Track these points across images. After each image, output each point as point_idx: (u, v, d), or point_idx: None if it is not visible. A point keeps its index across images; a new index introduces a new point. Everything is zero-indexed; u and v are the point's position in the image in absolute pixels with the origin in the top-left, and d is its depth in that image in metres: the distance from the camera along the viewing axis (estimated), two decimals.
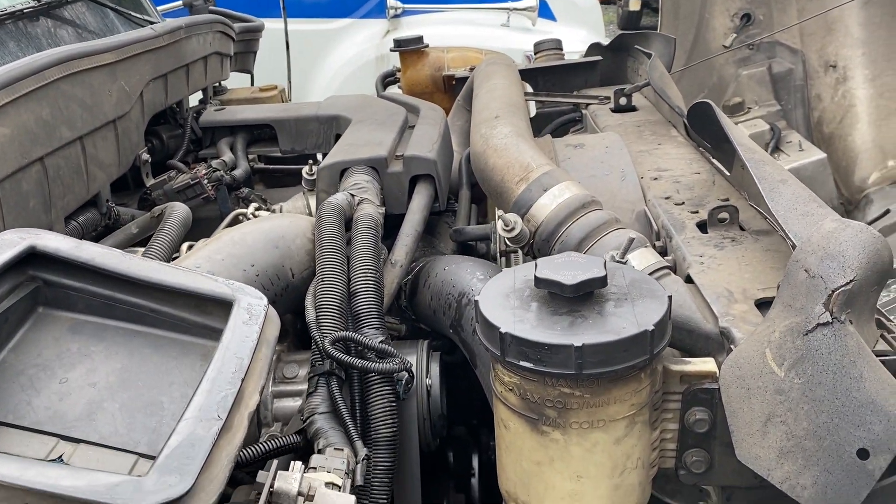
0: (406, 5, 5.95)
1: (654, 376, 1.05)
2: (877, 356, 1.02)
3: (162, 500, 0.72)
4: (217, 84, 2.78)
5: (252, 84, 3.21)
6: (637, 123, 2.32)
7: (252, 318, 1.05)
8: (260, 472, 0.95)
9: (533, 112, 2.80)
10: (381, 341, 1.36)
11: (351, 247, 1.49)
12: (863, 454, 0.93)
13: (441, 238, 2.00)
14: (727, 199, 1.61)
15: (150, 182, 2.10)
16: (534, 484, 1.08)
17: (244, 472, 1.16)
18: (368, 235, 1.49)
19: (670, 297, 1.04)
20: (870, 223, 3.01)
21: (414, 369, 1.49)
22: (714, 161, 1.89)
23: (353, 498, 1.01)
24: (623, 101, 2.46)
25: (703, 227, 1.51)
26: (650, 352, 0.98)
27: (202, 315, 1.10)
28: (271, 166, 2.54)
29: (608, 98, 2.54)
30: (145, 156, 2.07)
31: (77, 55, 1.73)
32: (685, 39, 3.60)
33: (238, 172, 2.18)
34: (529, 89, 2.82)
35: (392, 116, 2.02)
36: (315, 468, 1.10)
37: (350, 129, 1.97)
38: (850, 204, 3.35)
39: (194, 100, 2.66)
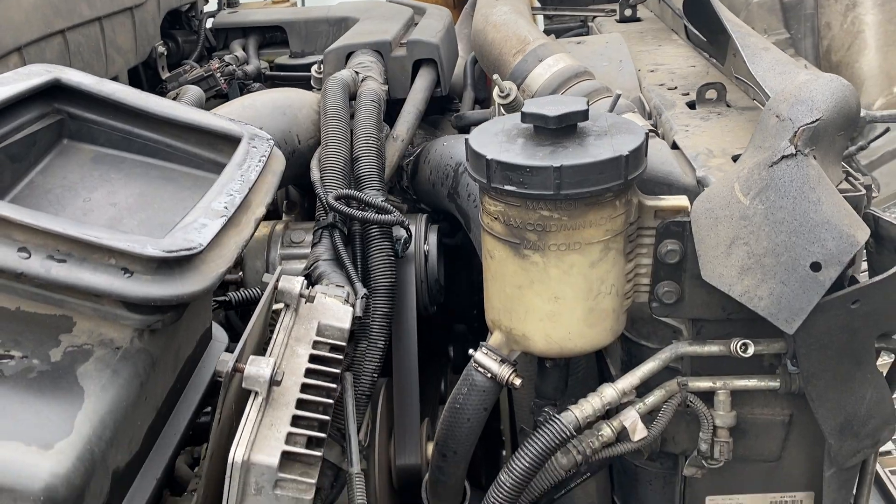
0: None
1: (629, 207, 1.13)
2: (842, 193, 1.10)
3: (178, 247, 0.81)
4: None
5: None
6: (640, 31, 2.37)
7: (259, 149, 1.14)
8: (266, 273, 1.05)
9: (541, 27, 2.84)
10: (381, 200, 1.44)
11: (354, 118, 1.57)
12: (815, 267, 1.01)
13: (444, 132, 2.08)
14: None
15: (165, 75, 2.18)
16: (516, 308, 1.17)
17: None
18: (371, 107, 1.57)
19: (647, 133, 1.12)
20: (870, 143, 3.04)
21: (413, 238, 1.58)
22: (711, 59, 1.95)
23: (349, 310, 1.11)
24: (628, 12, 2.50)
25: (692, 106, 1.58)
26: (624, 176, 1.06)
27: (213, 151, 1.19)
28: (282, 73, 2.61)
29: (614, 10, 2.58)
30: (161, 48, 2.15)
31: None
32: None
33: (249, 68, 2.25)
34: (537, 4, 2.86)
35: (399, 14, 2.09)
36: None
37: (357, 24, 2.04)
38: (857, 133, 3.37)
39: (209, 9, 2.72)
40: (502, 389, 1.22)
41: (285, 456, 0.84)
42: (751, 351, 1.15)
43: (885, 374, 1.22)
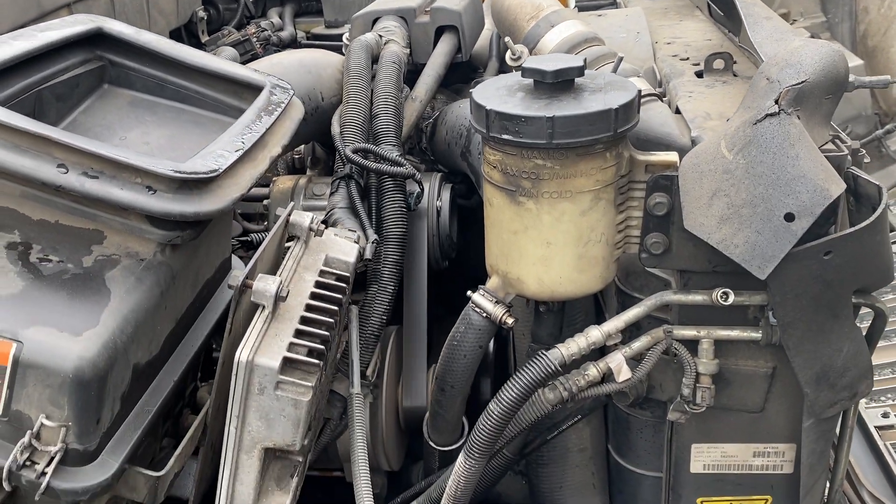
0: None
1: (620, 160, 1.20)
2: (823, 154, 1.15)
3: (197, 170, 0.92)
4: None
5: None
6: (665, 7, 2.41)
7: (278, 97, 1.24)
8: (279, 207, 1.15)
9: (572, 4, 2.89)
10: (396, 155, 1.53)
11: (375, 79, 1.66)
12: (789, 217, 1.07)
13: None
14: None
15: (205, 39, 2.29)
16: (511, 253, 1.25)
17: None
18: (391, 68, 1.66)
19: (639, 91, 1.19)
20: None
21: (426, 193, 1.67)
22: (729, 34, 1.99)
23: (356, 246, 1.21)
24: None
25: (700, 75, 1.64)
26: (614, 129, 1.13)
27: (238, 99, 1.29)
28: (317, 42, 2.71)
29: None
30: (202, 13, 2.27)
31: None
32: None
33: (284, 34, 2.36)
34: None
35: None
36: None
37: None
38: (886, 116, 3.36)
39: None
40: (496, 329, 1.31)
41: (286, 361, 0.94)
42: (731, 300, 1.22)
43: (865, 333, 1.28)
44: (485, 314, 1.28)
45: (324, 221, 1.47)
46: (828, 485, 1.47)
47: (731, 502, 1.48)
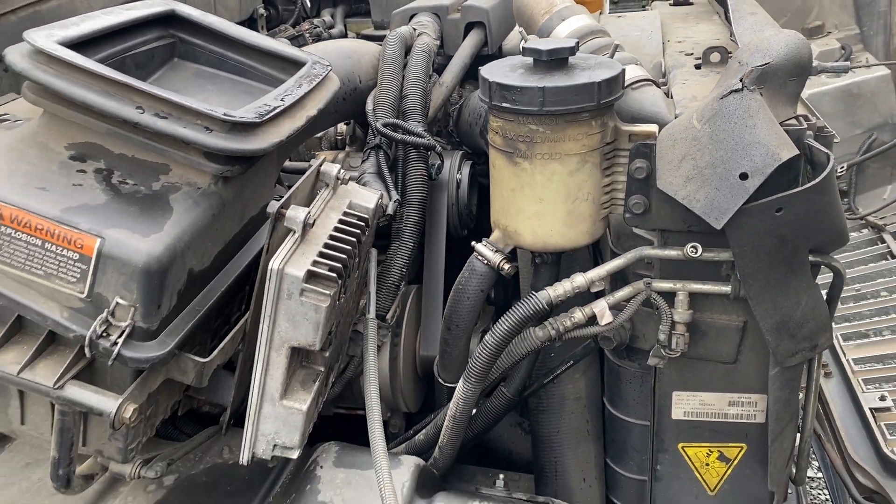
0: None
1: (605, 129, 1.39)
2: (784, 129, 1.32)
3: (245, 117, 1.14)
4: None
5: None
6: (687, 12, 2.59)
7: (317, 70, 1.46)
8: (312, 160, 1.37)
9: (607, 8, 3.08)
10: (420, 129, 1.75)
11: (407, 65, 1.88)
12: (743, 176, 1.24)
13: None
14: None
15: (263, 34, 2.55)
16: (510, 209, 1.45)
17: None
18: (421, 56, 1.88)
19: (623, 70, 1.38)
20: None
21: (448, 167, 1.88)
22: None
23: (376, 195, 1.42)
24: None
25: (698, 66, 1.81)
26: (597, 100, 1.32)
27: (285, 73, 1.52)
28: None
29: None
30: (262, 10, 2.53)
31: None
32: None
33: (334, 31, 2.61)
34: None
35: None
36: None
37: None
38: None
39: None
40: (496, 276, 1.50)
41: (310, 274, 1.15)
42: (699, 253, 1.39)
43: (826, 293, 1.44)
44: (486, 262, 1.48)
45: None
46: (798, 435, 1.62)
47: (710, 448, 1.64)
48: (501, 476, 1.52)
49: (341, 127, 2.14)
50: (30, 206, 1.05)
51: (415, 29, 1.98)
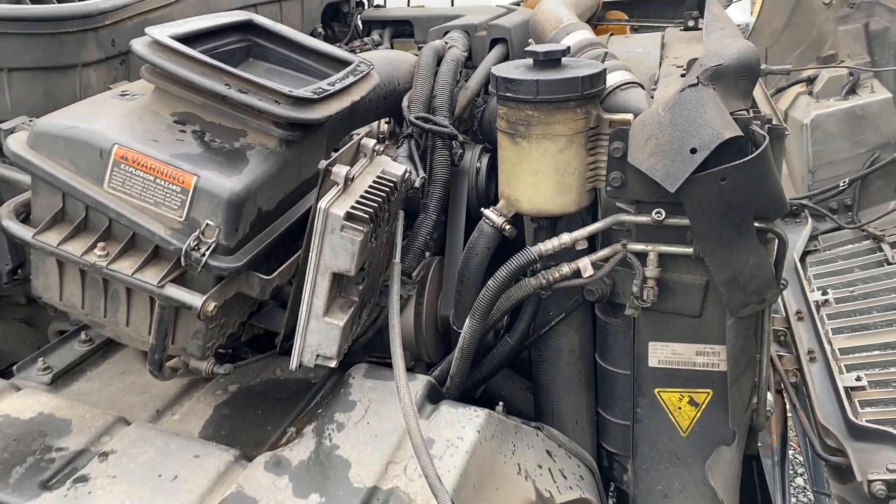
0: None
1: (589, 116, 1.72)
2: (734, 117, 1.64)
3: (304, 94, 1.51)
4: None
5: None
6: (693, 35, 2.91)
7: (362, 68, 1.84)
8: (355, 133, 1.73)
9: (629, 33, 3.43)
10: (445, 122, 2.10)
11: (437, 72, 2.25)
12: (693, 150, 1.56)
13: None
14: None
15: None
16: (511, 180, 1.79)
17: None
18: (450, 65, 2.24)
19: (605, 69, 1.72)
20: None
21: (469, 157, 2.23)
22: None
23: (403, 166, 1.77)
24: (691, 22, 3.04)
25: (684, 75, 2.14)
26: (580, 91, 1.66)
27: (336, 70, 1.90)
28: None
29: (682, 21, 3.13)
30: (320, 30, 2.94)
31: None
32: None
33: (382, 49, 3.00)
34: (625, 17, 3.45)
35: (493, 10, 2.77)
36: None
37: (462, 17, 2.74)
38: None
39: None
40: (500, 236, 1.84)
41: (349, 214, 1.50)
42: (663, 217, 1.70)
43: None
44: (492, 224, 1.82)
45: None
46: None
47: (681, 393, 1.93)
48: (501, 403, 1.83)
49: (384, 126, 2.52)
50: (146, 151, 1.43)
51: (447, 43, 2.36)
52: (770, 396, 2.02)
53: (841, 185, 3.38)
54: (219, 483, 1.41)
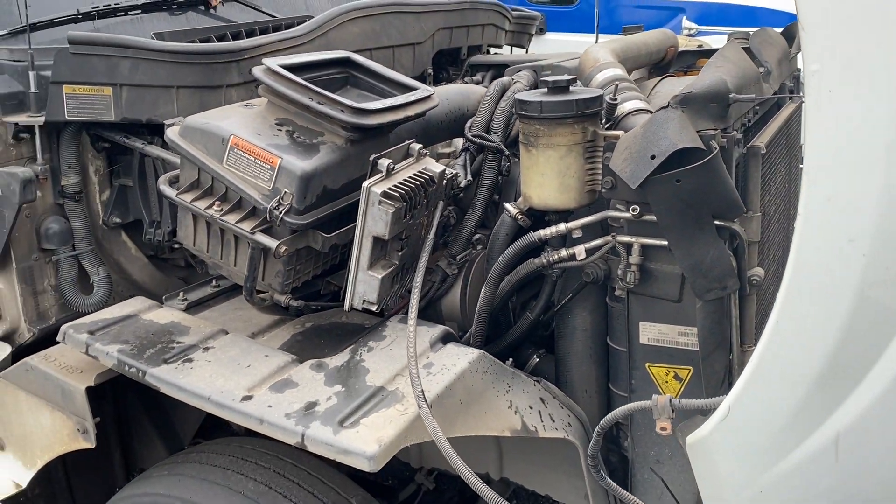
0: (701, 27, 6.89)
1: (586, 130, 2.18)
2: (700, 134, 2.03)
3: (371, 107, 2.12)
4: (495, 46, 4.24)
5: None
6: None
7: (423, 92, 2.42)
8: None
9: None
10: (497, 140, 2.63)
11: (499, 102, 2.78)
12: (652, 157, 1.97)
13: None
14: None
15: None
16: (526, 181, 2.28)
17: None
18: (510, 96, 2.76)
19: (602, 94, 2.18)
20: None
21: (516, 172, 2.73)
22: None
23: (442, 165, 2.31)
24: None
25: None
26: (575, 111, 2.13)
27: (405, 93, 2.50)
28: None
29: None
30: (430, 71, 3.58)
31: (401, 2, 3.30)
32: None
33: None
34: None
35: (571, 56, 3.27)
36: None
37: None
38: None
39: None
40: (517, 225, 2.32)
41: (385, 193, 2.07)
42: (638, 212, 2.10)
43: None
44: (510, 215, 2.32)
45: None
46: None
47: (668, 369, 2.29)
48: (510, 360, 2.29)
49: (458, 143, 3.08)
50: (252, 140, 2.08)
51: (513, 79, 2.89)
52: None
53: None
54: (277, 372, 2.01)
